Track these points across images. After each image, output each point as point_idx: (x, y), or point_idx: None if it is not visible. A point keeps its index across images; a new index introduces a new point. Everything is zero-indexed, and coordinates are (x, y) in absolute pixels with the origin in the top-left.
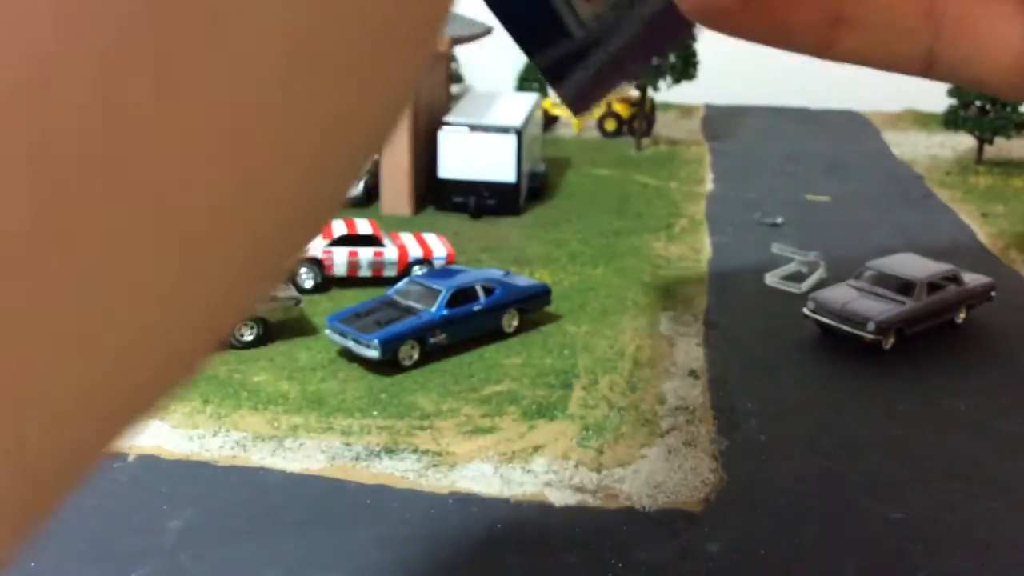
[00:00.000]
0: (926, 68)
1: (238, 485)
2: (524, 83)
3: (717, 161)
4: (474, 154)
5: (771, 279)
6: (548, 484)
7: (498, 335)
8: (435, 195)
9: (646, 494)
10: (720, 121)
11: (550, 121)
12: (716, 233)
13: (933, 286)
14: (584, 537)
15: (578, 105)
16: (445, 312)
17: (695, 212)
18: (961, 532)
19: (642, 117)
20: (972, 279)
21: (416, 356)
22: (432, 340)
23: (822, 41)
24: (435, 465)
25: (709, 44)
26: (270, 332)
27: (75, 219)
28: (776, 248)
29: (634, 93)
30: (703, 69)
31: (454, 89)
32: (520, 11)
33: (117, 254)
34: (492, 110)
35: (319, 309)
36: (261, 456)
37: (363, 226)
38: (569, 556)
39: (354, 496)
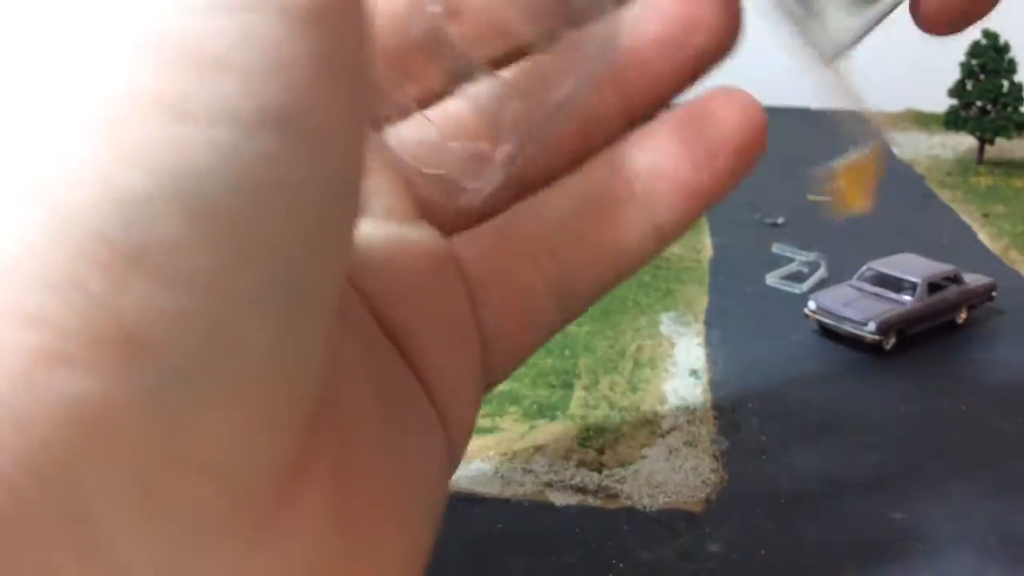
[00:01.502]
0: None
1: None
2: None
3: None
4: None
5: (771, 279)
6: (549, 484)
7: None
8: None
9: (647, 494)
10: None
11: None
12: (716, 233)
13: (934, 286)
14: (584, 537)
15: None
16: None
17: None
18: (961, 532)
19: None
20: (973, 279)
21: None
22: None
23: None
24: None
25: None
26: None
27: None
28: (776, 248)
29: None
30: None
31: None
32: None
33: None
34: None
35: None
36: None
37: None
38: (569, 556)
39: None
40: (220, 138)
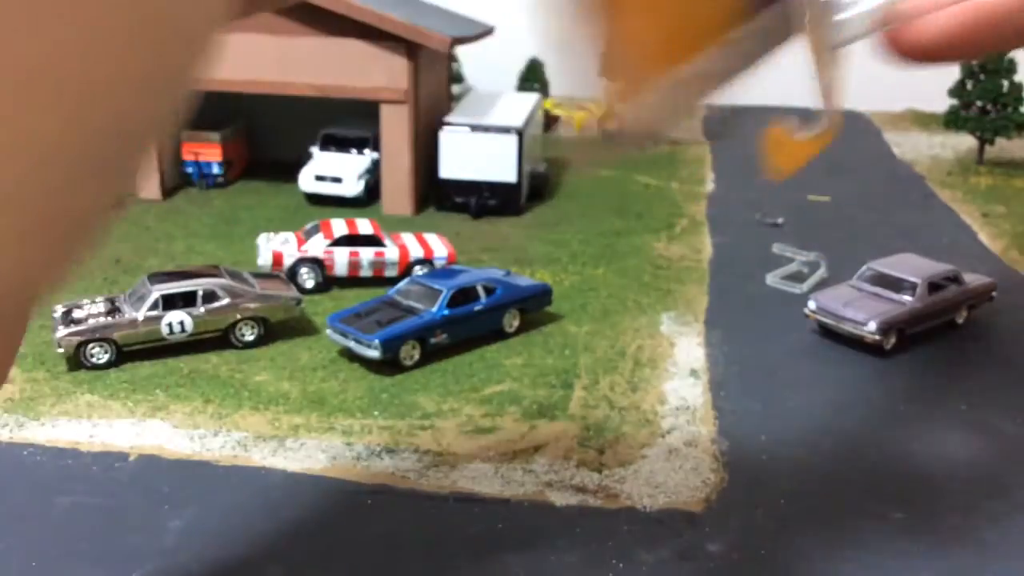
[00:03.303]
0: None
1: (239, 485)
2: (525, 83)
3: (718, 161)
4: (475, 154)
5: (772, 279)
6: (549, 484)
7: (499, 335)
8: (436, 195)
9: (647, 494)
10: (720, 121)
11: (551, 121)
12: (717, 233)
13: (934, 286)
14: (584, 537)
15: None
16: (446, 312)
17: (696, 212)
18: (961, 532)
19: None
20: (973, 279)
21: (417, 356)
22: (433, 340)
23: None
24: (436, 465)
25: None
26: (271, 332)
27: None
28: (777, 248)
29: None
30: None
31: (455, 89)
32: None
33: None
34: (493, 110)
35: (320, 309)
36: (262, 456)
37: (364, 226)
38: (569, 556)
39: (354, 496)
40: None
